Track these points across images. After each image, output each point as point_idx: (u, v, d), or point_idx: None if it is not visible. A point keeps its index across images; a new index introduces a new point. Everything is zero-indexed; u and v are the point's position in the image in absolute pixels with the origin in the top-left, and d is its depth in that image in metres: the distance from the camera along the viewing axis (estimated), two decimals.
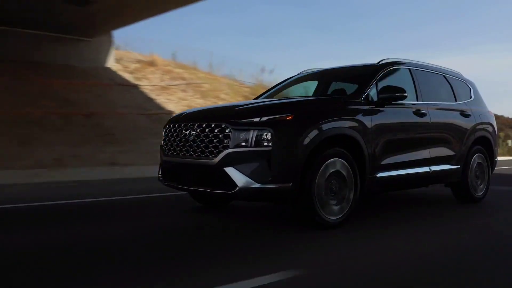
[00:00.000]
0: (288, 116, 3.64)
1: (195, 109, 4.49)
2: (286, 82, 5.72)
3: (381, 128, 4.24)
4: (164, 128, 4.41)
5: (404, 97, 4.33)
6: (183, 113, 4.42)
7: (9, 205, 5.13)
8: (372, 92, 4.36)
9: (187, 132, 3.91)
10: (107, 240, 3.42)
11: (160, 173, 4.46)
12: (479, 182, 5.65)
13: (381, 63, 4.77)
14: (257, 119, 3.61)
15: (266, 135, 3.53)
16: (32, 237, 3.54)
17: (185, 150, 3.93)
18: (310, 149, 3.64)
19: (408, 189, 6.30)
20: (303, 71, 5.77)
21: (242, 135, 3.58)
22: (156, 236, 3.60)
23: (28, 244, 3.29)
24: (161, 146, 4.39)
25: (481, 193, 5.68)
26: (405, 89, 4.37)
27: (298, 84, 5.58)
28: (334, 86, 5.21)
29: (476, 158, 5.57)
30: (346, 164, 3.90)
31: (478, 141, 5.63)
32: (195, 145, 3.82)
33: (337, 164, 3.83)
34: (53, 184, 7.32)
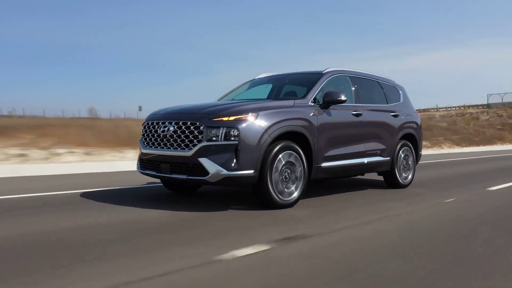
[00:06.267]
0: (251, 116, 4.46)
1: (171, 108, 5.17)
2: (244, 85, 6.55)
3: (325, 126, 5.17)
4: (143, 124, 5.08)
5: (344, 101, 5.26)
6: (160, 111, 5.10)
7: None
8: (318, 96, 5.29)
9: (166, 128, 4.62)
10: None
11: (138, 163, 5.14)
12: (406, 172, 6.76)
13: (325, 71, 5.71)
14: (226, 119, 4.40)
15: (234, 131, 4.34)
16: None
17: (163, 144, 4.66)
18: (268, 143, 4.50)
19: (348, 177, 7.32)
20: (260, 76, 6.61)
21: (214, 131, 4.36)
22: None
23: None
24: (140, 140, 5.06)
25: (407, 181, 6.80)
26: (345, 93, 5.34)
27: (256, 87, 6.42)
28: (286, 89, 6.09)
29: (403, 151, 6.67)
30: (297, 155, 4.79)
31: (405, 137, 6.76)
32: (172, 139, 4.56)
33: (289, 155, 4.71)
34: None
